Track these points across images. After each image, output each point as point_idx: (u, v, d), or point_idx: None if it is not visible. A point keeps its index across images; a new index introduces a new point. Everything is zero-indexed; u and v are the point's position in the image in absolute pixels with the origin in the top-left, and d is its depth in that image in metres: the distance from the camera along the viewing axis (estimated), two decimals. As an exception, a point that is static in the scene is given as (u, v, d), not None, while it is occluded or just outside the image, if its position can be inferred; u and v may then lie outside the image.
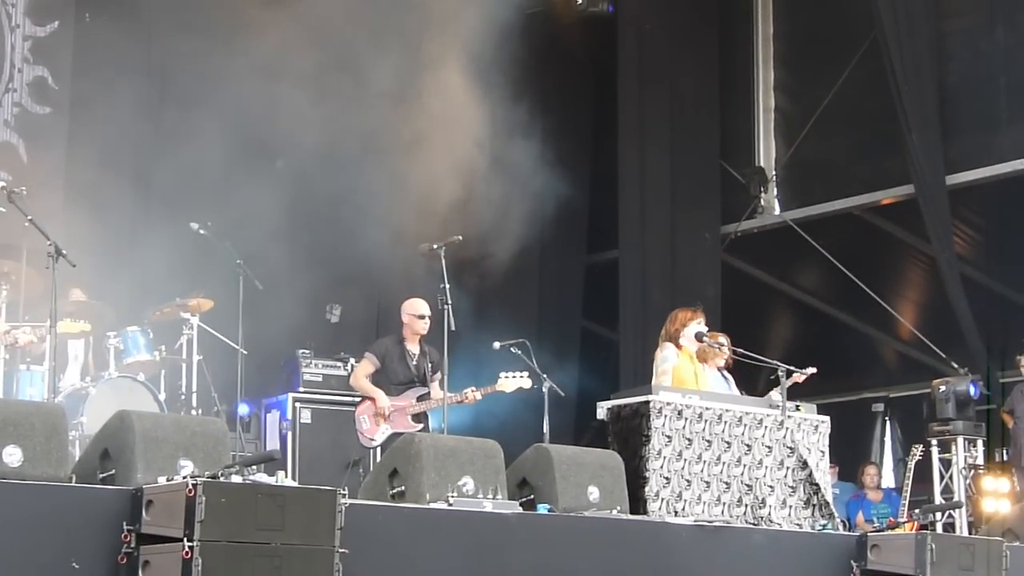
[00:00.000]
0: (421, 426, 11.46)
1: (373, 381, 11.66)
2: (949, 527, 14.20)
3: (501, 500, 8.27)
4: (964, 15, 15.77)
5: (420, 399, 11.60)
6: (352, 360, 13.21)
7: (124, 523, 6.56)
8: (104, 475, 7.05)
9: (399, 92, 14.14)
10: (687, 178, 17.10)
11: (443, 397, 11.35)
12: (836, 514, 10.59)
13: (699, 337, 10.78)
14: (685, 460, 9.77)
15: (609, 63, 17.33)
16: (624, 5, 17.05)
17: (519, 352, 11.75)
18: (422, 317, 11.69)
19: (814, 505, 10.33)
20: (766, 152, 17.55)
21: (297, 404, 13.04)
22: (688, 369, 10.63)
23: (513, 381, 11.53)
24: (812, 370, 11.52)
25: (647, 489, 9.54)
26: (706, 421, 9.91)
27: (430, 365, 11.71)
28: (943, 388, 14.89)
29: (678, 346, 10.72)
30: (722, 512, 9.82)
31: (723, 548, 9.11)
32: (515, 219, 16.70)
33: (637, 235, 16.91)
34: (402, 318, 11.84)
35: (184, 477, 6.54)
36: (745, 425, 10.10)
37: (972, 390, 14.88)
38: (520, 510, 8.37)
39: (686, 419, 9.82)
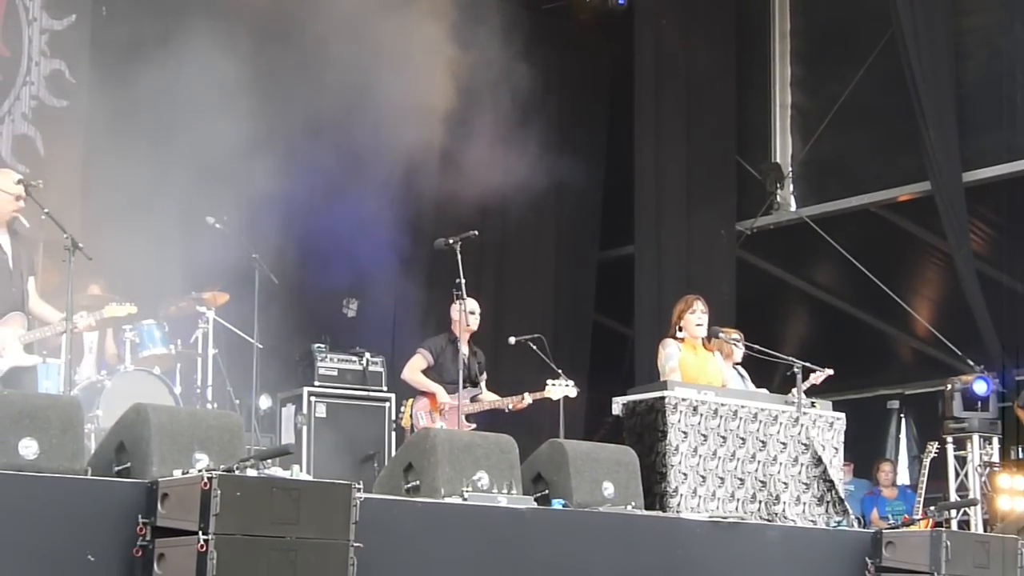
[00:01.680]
0: (474, 426, 11.39)
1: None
2: (964, 524, 14.18)
3: (516, 495, 8.27)
4: (982, 12, 15.73)
5: (473, 400, 11.58)
6: (368, 355, 13.22)
7: (139, 516, 6.59)
8: (119, 468, 7.06)
9: (410, 90, 14.14)
10: (703, 174, 17.08)
11: (495, 399, 11.48)
12: (850, 511, 10.58)
13: (714, 334, 10.76)
14: (700, 456, 9.77)
15: (626, 59, 17.32)
16: (641, 1, 17.04)
17: (535, 347, 11.76)
18: (473, 312, 11.70)
19: (828, 502, 10.32)
20: (782, 148, 17.52)
21: (312, 398, 13.04)
22: (691, 361, 10.58)
23: (560, 389, 11.49)
24: (829, 372, 11.51)
25: (665, 485, 9.54)
26: (721, 417, 9.91)
27: (478, 366, 11.76)
28: (948, 386, 14.91)
29: (680, 339, 10.66)
30: (736, 508, 9.82)
31: (737, 544, 9.11)
32: (530, 214, 16.70)
33: (652, 231, 16.90)
34: (452, 315, 11.79)
35: (199, 470, 6.56)
36: (760, 421, 10.09)
37: (984, 387, 14.86)
38: (535, 505, 8.38)
39: (701, 415, 9.81)
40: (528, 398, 11.42)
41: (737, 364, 11.69)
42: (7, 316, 9.23)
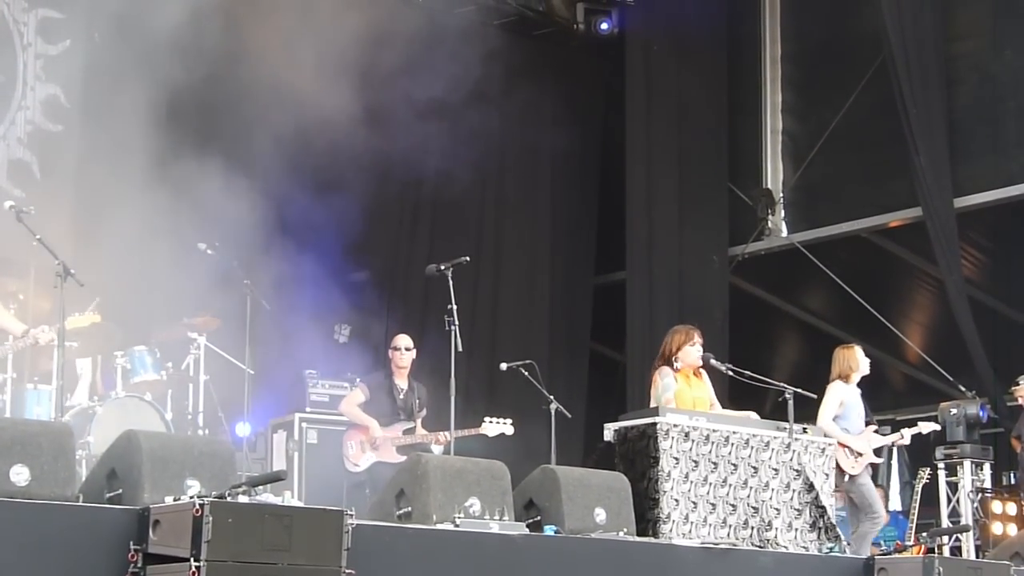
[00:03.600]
0: (405, 458, 11.53)
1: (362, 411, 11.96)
2: (956, 551, 14.16)
3: (508, 521, 8.27)
4: (972, 38, 15.78)
5: (406, 432, 11.86)
6: (359, 380, 13.24)
7: (131, 543, 6.57)
8: (111, 495, 7.05)
9: (403, 120, 14.18)
10: (694, 200, 17.11)
11: (424, 434, 11.79)
12: (843, 537, 10.56)
13: (707, 360, 10.77)
14: (691, 482, 9.76)
15: (618, 84, 17.37)
16: (632, 26, 17.08)
17: (526, 373, 11.77)
18: (407, 349, 12.01)
19: (820, 528, 10.31)
20: (773, 174, 17.54)
21: (304, 424, 13.03)
22: (686, 392, 10.62)
23: (496, 427, 11.73)
24: (935, 426, 11.72)
25: (658, 511, 9.52)
26: (713, 443, 9.90)
27: (417, 402, 12.00)
28: (954, 411, 14.86)
29: (676, 369, 10.71)
30: (728, 534, 9.80)
31: (730, 570, 9.10)
32: (524, 240, 16.71)
33: (644, 257, 16.92)
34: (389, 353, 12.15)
35: (191, 497, 6.55)
36: (752, 447, 10.08)
37: (982, 414, 14.86)
38: (527, 531, 8.37)
39: (693, 441, 9.81)
40: (444, 436, 11.55)
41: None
42: None
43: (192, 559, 6.29)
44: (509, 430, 11.75)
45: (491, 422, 11.66)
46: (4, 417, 8.47)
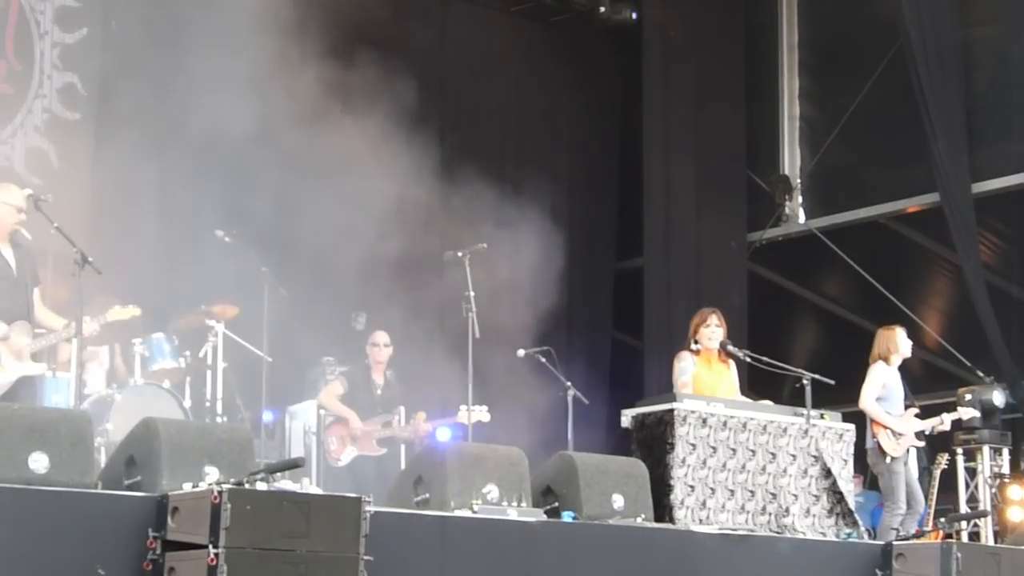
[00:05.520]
0: (385, 450, 11.97)
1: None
2: (974, 536, 14.15)
3: (525, 508, 8.28)
4: (990, 23, 15.72)
5: (385, 425, 12.02)
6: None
7: (150, 530, 6.60)
8: (130, 482, 7.08)
9: (418, 106, 14.16)
10: (712, 186, 17.08)
11: (403, 426, 12.02)
12: (860, 522, 10.56)
13: (723, 347, 10.78)
14: (710, 468, 9.77)
15: (636, 71, 17.34)
16: (649, 13, 17.05)
17: (544, 360, 11.77)
18: (385, 345, 12.31)
19: (838, 514, 10.31)
20: (791, 160, 17.51)
21: (322, 411, 13.05)
22: (706, 375, 10.62)
23: (473, 414, 11.71)
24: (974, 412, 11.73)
25: (672, 497, 9.53)
26: (731, 429, 9.90)
27: (394, 397, 12.17)
28: (969, 396, 14.83)
29: (696, 352, 10.74)
30: (746, 520, 9.81)
31: (748, 556, 9.11)
32: (544, 226, 16.70)
33: (662, 243, 16.90)
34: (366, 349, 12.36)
35: (209, 484, 6.57)
36: (770, 433, 10.09)
37: (1000, 399, 14.84)
38: (544, 518, 8.38)
39: (711, 427, 9.81)
40: (427, 425, 11.85)
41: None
42: (13, 325, 9.26)
43: (211, 546, 6.31)
44: (485, 417, 11.76)
45: (468, 409, 11.65)
46: (23, 405, 8.48)
